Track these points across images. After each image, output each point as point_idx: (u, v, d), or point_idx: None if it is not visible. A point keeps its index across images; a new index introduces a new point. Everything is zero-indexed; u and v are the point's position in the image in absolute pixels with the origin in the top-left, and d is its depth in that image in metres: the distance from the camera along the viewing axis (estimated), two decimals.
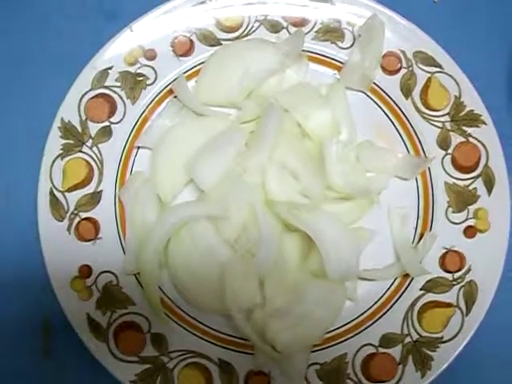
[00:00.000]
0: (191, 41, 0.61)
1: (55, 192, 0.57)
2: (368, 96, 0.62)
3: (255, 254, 0.56)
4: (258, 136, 0.58)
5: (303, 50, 0.61)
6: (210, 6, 0.61)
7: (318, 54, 0.62)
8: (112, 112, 0.60)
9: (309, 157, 0.58)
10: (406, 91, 0.61)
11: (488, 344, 0.59)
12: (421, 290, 0.58)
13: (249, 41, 0.62)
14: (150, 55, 0.61)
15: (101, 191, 0.58)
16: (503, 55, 0.66)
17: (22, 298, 0.59)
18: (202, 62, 0.61)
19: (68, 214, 0.57)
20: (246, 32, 0.62)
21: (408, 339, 0.57)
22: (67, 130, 0.58)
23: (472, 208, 0.59)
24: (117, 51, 0.60)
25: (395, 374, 0.56)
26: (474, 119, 0.60)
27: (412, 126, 0.61)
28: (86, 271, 0.56)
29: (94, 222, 0.58)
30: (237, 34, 0.62)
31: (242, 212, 0.57)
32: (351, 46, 0.62)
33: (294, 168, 0.58)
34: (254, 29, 0.62)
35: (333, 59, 0.62)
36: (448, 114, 0.61)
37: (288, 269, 0.57)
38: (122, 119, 0.60)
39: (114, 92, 0.60)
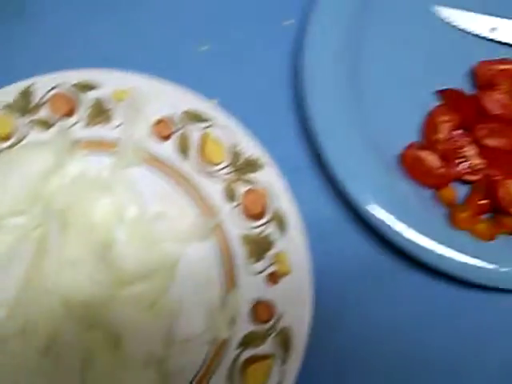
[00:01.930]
0: None
1: None
2: (149, 167, 0.62)
3: (63, 357, 0.57)
4: (44, 241, 0.59)
5: (77, 140, 0.62)
6: None
7: (93, 139, 0.62)
8: None
9: (99, 247, 0.59)
10: (184, 153, 0.61)
11: None
12: (238, 348, 0.58)
13: (23, 146, 0.62)
14: None
15: None
16: (278, 90, 0.66)
17: None
18: None
19: None
20: (19, 138, 0.62)
21: None
22: None
23: (271, 254, 0.58)
24: None
25: None
26: (253, 164, 0.60)
27: (197, 187, 0.61)
28: None
29: None
30: (11, 141, 0.62)
31: (46, 319, 0.58)
32: (122, 123, 0.62)
33: (85, 263, 0.58)
34: (25, 132, 0.62)
35: (108, 140, 0.62)
36: (228, 165, 0.60)
37: (99, 363, 0.57)
38: None
39: None
